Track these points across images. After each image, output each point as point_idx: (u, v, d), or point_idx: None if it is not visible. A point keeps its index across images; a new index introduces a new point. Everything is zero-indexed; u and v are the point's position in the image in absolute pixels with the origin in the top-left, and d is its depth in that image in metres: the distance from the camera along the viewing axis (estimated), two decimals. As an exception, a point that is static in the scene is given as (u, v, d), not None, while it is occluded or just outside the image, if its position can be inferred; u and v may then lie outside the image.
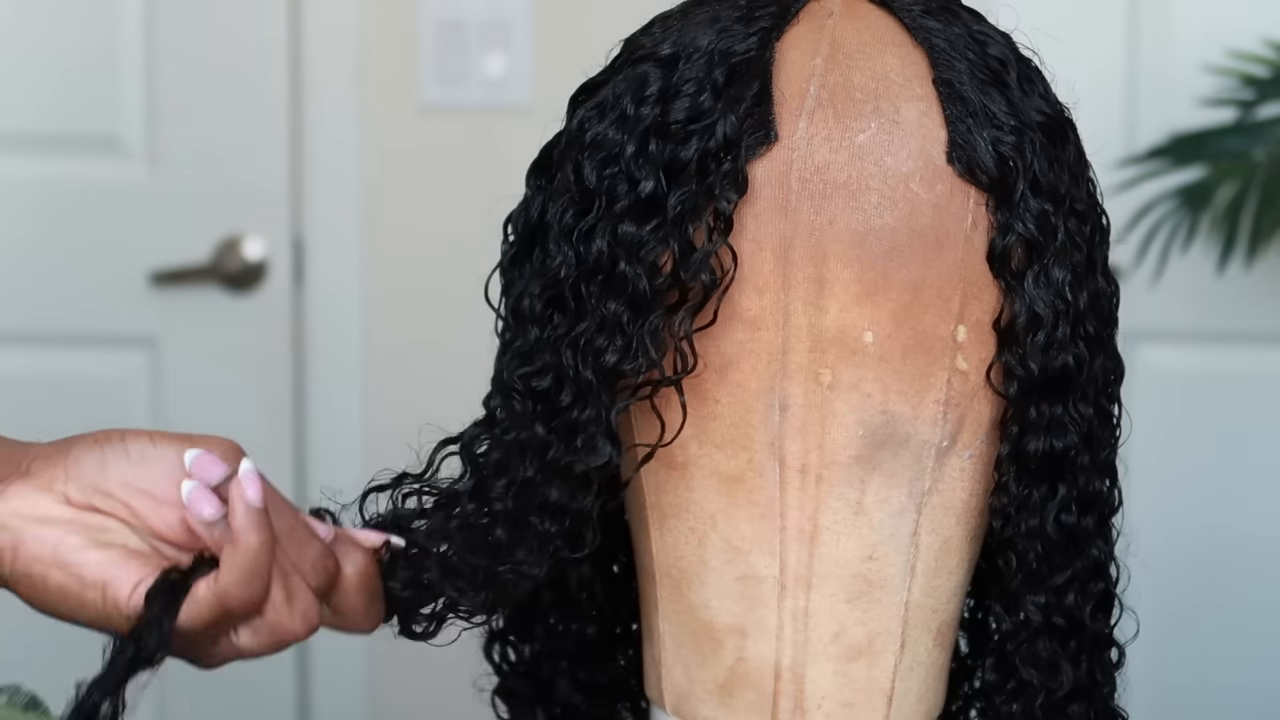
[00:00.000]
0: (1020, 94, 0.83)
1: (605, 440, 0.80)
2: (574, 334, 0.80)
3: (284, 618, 0.78)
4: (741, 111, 0.80)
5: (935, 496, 0.83)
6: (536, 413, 0.81)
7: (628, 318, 0.80)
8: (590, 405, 0.80)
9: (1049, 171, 0.82)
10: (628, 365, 0.80)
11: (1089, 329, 0.83)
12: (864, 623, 0.84)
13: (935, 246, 0.81)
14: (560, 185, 0.83)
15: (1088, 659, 0.87)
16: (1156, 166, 2.11)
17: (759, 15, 0.83)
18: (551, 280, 0.81)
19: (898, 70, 0.82)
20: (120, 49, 2.35)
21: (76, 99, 2.37)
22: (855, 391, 0.81)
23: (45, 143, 2.36)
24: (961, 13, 0.85)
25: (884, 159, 0.80)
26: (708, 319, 0.80)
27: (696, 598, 0.85)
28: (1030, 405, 0.82)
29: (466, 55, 2.34)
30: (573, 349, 0.80)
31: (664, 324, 0.80)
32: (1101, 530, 0.86)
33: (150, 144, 2.34)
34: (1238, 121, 2.12)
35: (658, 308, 0.80)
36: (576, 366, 0.80)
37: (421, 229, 2.36)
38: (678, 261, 0.79)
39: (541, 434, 0.81)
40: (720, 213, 0.79)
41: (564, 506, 0.81)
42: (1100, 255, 0.85)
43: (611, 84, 0.84)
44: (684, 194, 0.79)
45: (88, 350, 2.36)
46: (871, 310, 0.80)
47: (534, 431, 0.81)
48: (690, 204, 0.79)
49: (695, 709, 0.86)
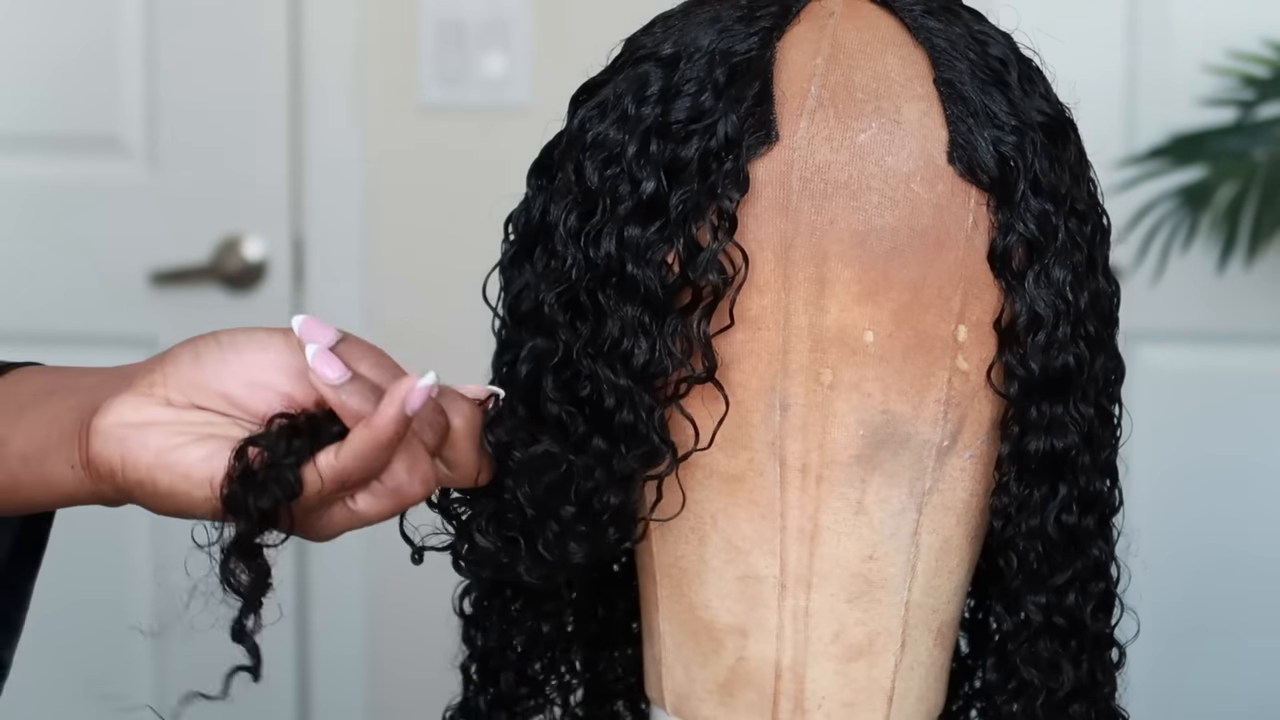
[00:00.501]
0: (1021, 94, 0.83)
1: (661, 443, 0.80)
2: (599, 339, 0.80)
3: (404, 482, 0.77)
4: (743, 111, 0.80)
5: (936, 496, 0.83)
6: (588, 420, 0.81)
7: (649, 318, 0.80)
8: (635, 408, 0.80)
9: (1050, 171, 0.82)
10: (655, 367, 0.80)
11: (1090, 329, 0.83)
12: (864, 622, 0.84)
13: (936, 246, 0.81)
14: (562, 185, 0.83)
15: (1088, 659, 0.87)
16: (1157, 166, 2.11)
17: (760, 15, 0.83)
18: (566, 285, 0.81)
19: (899, 70, 0.82)
20: (120, 48, 2.35)
21: (76, 98, 2.37)
22: (856, 391, 0.81)
23: (45, 143, 2.36)
24: (962, 13, 0.85)
25: (885, 159, 0.80)
26: (724, 320, 0.80)
27: (697, 597, 0.85)
28: (1031, 405, 0.82)
29: (466, 55, 2.34)
30: (600, 354, 0.80)
31: (681, 324, 0.80)
32: (1102, 530, 0.86)
33: (150, 144, 2.34)
34: (1238, 121, 2.12)
35: (673, 309, 0.80)
36: (612, 370, 0.80)
37: (421, 229, 2.36)
38: (684, 262, 0.79)
39: (602, 445, 0.81)
40: (724, 212, 0.79)
41: (622, 506, 0.81)
42: (1101, 255, 0.85)
43: (612, 84, 0.84)
44: (686, 193, 0.79)
45: (88, 350, 2.35)
46: (872, 310, 0.80)
47: (592, 443, 0.81)
48: (693, 203, 0.79)
49: (695, 709, 0.86)
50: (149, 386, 0.77)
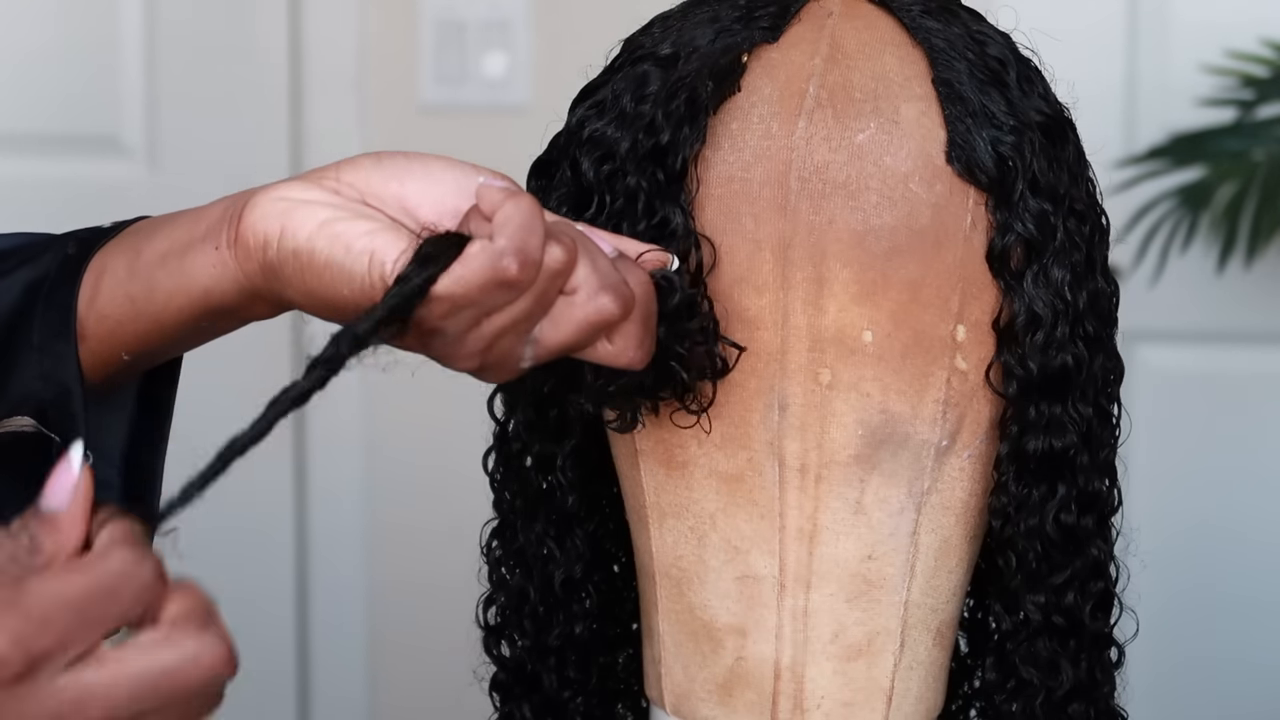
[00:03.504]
0: (1020, 94, 0.83)
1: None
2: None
3: (596, 295, 0.72)
4: (683, 113, 0.81)
5: (935, 496, 0.83)
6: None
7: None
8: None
9: (1048, 171, 0.82)
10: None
11: (1088, 329, 0.83)
12: (863, 622, 0.84)
13: (934, 246, 0.81)
14: (559, 182, 0.83)
15: (1087, 658, 0.87)
16: (1156, 166, 2.11)
17: (758, 15, 0.83)
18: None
19: (897, 70, 0.82)
20: (120, 49, 2.35)
21: (76, 99, 2.37)
22: (854, 391, 0.81)
23: (45, 143, 2.36)
24: (961, 13, 0.85)
25: (883, 159, 0.81)
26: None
27: (696, 597, 0.85)
28: (1030, 405, 0.82)
29: (466, 55, 2.34)
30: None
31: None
32: (1101, 530, 0.86)
33: (150, 144, 2.34)
34: (1237, 121, 2.12)
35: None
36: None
37: (421, 229, 2.36)
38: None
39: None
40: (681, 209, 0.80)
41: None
42: (1100, 255, 0.85)
43: (611, 84, 0.84)
44: (649, 188, 0.80)
45: (88, 350, 2.36)
46: (871, 310, 0.80)
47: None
48: (649, 200, 0.80)
49: (695, 709, 0.86)
50: (319, 177, 0.75)
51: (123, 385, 0.82)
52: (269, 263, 0.74)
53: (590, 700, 0.94)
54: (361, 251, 0.72)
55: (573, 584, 0.91)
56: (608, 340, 0.74)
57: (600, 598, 0.93)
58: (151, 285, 0.78)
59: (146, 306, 0.78)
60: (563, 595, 0.91)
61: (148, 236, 0.79)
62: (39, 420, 0.79)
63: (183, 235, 0.77)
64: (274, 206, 0.74)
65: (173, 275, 0.77)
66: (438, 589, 1.88)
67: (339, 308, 0.73)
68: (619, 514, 0.89)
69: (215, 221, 0.76)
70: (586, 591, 0.93)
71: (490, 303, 0.71)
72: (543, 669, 0.92)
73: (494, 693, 0.94)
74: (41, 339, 0.79)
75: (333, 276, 0.73)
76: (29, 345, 0.79)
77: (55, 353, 0.79)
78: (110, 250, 0.80)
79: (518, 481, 0.90)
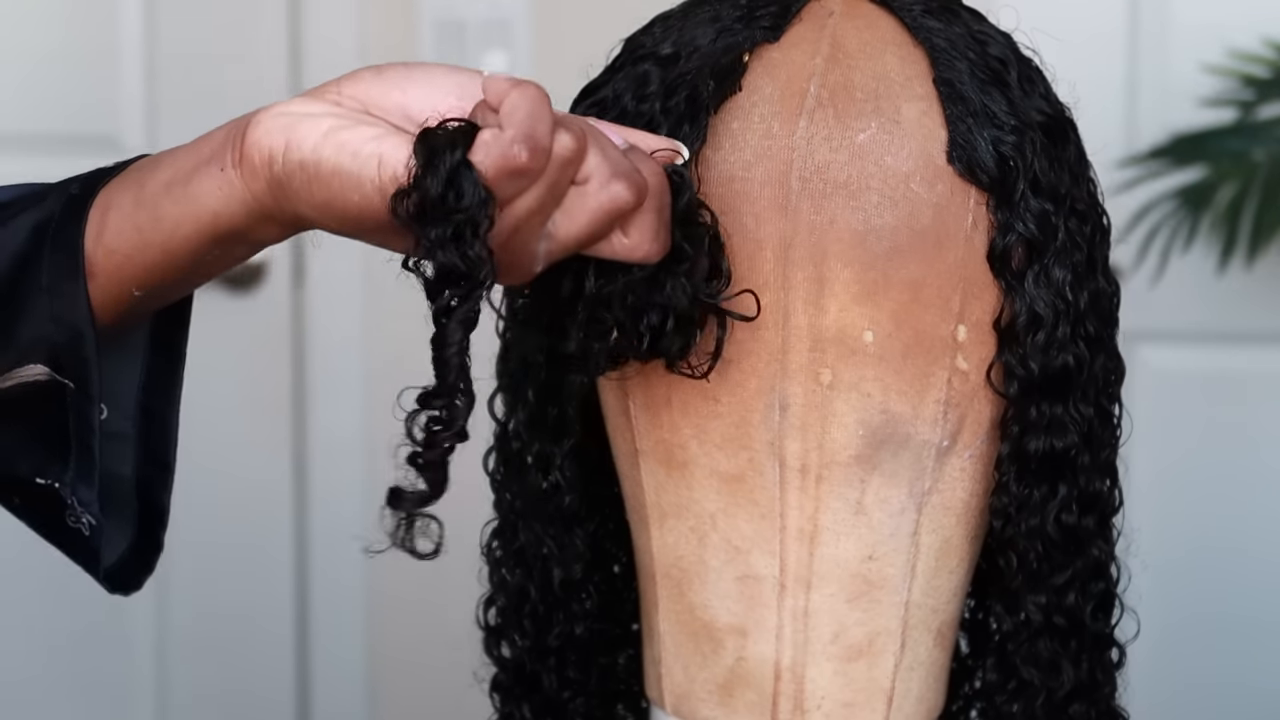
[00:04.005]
0: (1021, 94, 0.83)
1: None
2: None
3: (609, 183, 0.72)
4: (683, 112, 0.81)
5: (935, 496, 0.83)
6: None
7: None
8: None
9: (1049, 171, 0.82)
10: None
11: (1089, 329, 0.83)
12: (864, 623, 0.84)
13: (935, 246, 0.81)
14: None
15: (1088, 659, 0.87)
16: (1157, 167, 2.11)
17: (759, 15, 0.83)
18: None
19: (898, 70, 0.82)
20: (120, 49, 2.35)
21: (76, 99, 2.37)
22: (855, 391, 0.81)
23: (45, 143, 2.36)
24: (962, 12, 0.85)
25: (884, 158, 0.80)
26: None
27: (696, 597, 0.85)
28: (1030, 405, 0.82)
29: (466, 55, 2.34)
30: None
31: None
32: (1102, 530, 0.86)
33: (150, 144, 2.34)
34: (1238, 122, 2.12)
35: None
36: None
37: (421, 229, 2.36)
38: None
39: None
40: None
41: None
42: (1101, 255, 0.85)
43: (612, 83, 0.84)
44: None
45: (87, 350, 2.36)
46: (871, 310, 0.80)
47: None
48: None
49: (695, 709, 0.86)
50: (320, 93, 0.75)
51: (134, 328, 0.82)
52: (275, 178, 0.74)
53: (590, 701, 0.94)
54: (370, 156, 0.71)
55: (573, 584, 0.91)
56: (623, 233, 0.74)
57: (600, 598, 0.93)
58: (158, 214, 0.77)
59: (154, 236, 0.77)
60: (563, 595, 0.91)
61: (151, 168, 0.78)
62: (51, 366, 0.78)
63: (187, 162, 0.76)
64: (277, 122, 0.74)
65: (179, 202, 0.76)
66: (437, 590, 1.88)
67: (349, 217, 0.73)
68: (619, 514, 0.89)
69: (219, 144, 0.75)
70: (587, 592, 0.93)
71: (502, 194, 0.71)
72: (543, 669, 0.92)
73: (494, 693, 0.94)
74: (50, 280, 0.78)
75: (341, 184, 0.72)
76: (38, 288, 0.78)
77: (65, 293, 0.78)
78: (114, 186, 0.79)
79: (518, 481, 0.90)
